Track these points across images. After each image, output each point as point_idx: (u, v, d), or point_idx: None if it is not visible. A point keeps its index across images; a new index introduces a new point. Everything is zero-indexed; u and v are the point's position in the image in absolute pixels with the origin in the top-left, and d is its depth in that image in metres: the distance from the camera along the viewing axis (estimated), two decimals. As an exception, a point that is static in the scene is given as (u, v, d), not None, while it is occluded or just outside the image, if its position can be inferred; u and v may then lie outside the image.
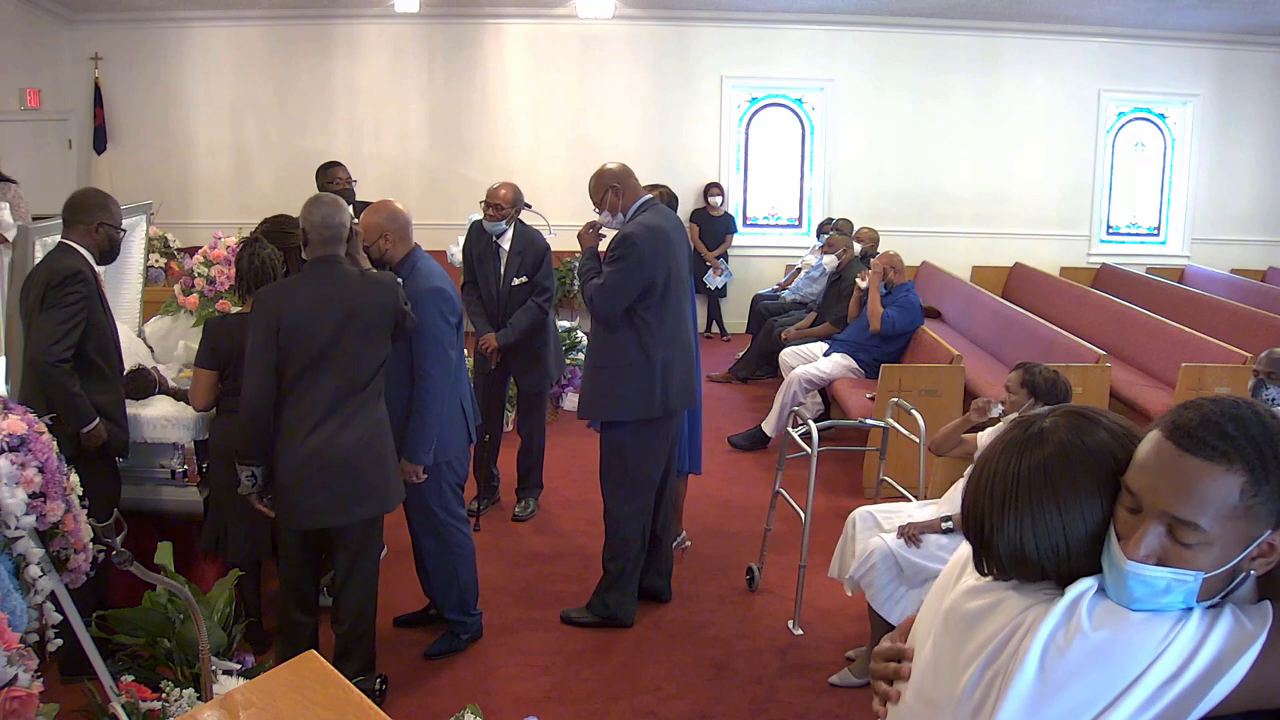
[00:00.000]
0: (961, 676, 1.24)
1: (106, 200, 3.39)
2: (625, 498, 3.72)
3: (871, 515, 3.49)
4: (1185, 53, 9.21)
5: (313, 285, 3.02)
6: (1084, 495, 1.20)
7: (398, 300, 3.11)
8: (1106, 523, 1.20)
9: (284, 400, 3.01)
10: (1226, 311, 7.03)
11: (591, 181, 3.68)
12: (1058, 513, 1.20)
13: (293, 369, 2.97)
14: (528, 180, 5.59)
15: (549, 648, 3.67)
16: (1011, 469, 1.24)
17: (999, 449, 1.28)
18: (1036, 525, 1.21)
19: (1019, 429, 1.28)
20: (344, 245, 3.09)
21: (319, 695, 1.61)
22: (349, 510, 3.08)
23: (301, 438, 2.98)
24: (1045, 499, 1.21)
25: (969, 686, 1.23)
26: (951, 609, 1.32)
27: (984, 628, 1.25)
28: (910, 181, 9.28)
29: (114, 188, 8.33)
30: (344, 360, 3.00)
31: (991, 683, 1.20)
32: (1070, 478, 1.21)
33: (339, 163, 5.56)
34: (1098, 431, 1.24)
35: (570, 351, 6.26)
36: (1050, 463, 1.22)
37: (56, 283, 3.14)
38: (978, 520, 1.27)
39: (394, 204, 3.53)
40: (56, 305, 3.13)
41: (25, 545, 2.48)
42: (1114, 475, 1.20)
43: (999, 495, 1.24)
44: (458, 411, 3.51)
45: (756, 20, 8.95)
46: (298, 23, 8.86)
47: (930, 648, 1.34)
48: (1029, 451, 1.24)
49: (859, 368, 5.95)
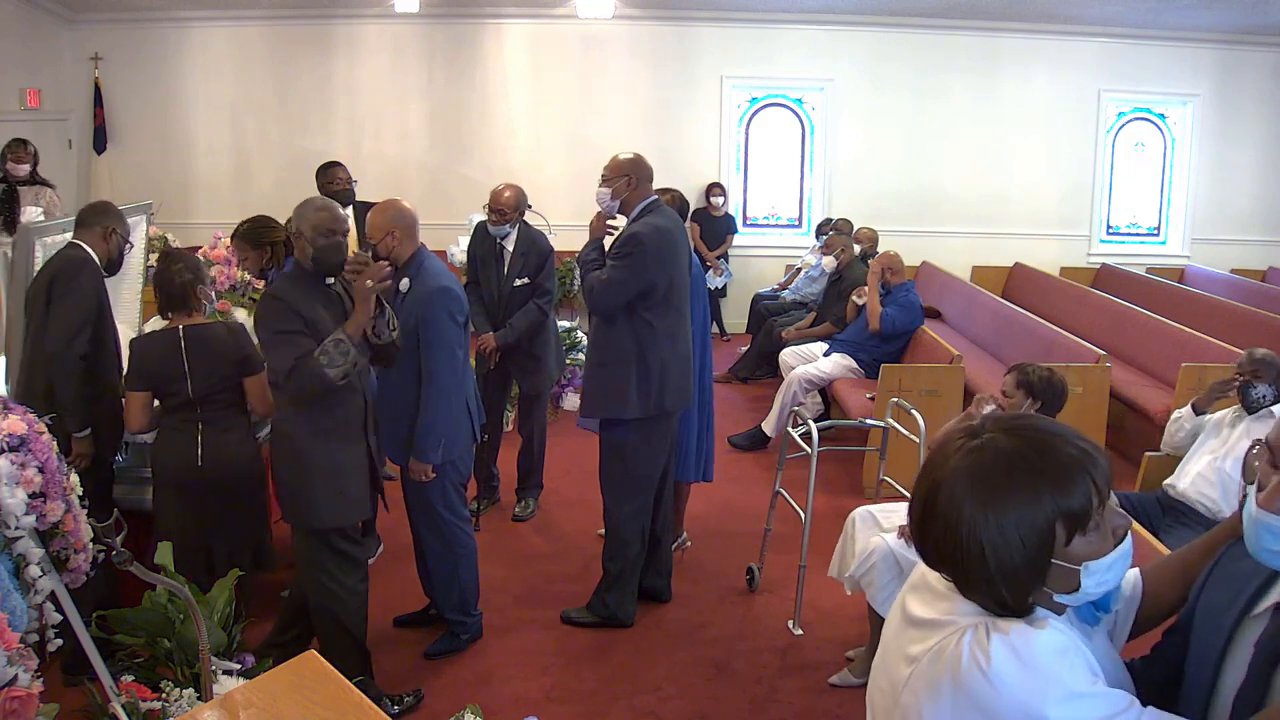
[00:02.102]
0: (897, 672, 1.32)
1: (122, 214, 3.49)
2: (625, 497, 3.73)
3: (871, 515, 3.49)
4: (1185, 53, 9.21)
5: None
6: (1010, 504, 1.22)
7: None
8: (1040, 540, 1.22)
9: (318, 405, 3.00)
10: (1226, 311, 7.03)
11: (616, 161, 3.64)
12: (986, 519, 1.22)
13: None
14: (528, 180, 5.58)
15: (549, 648, 3.67)
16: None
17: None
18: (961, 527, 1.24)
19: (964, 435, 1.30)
20: (297, 248, 3.04)
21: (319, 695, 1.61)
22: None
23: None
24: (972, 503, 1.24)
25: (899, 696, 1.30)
26: (905, 591, 1.40)
27: (913, 633, 1.32)
28: (910, 181, 9.28)
29: (114, 188, 8.36)
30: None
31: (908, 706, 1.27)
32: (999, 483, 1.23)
33: (339, 163, 5.56)
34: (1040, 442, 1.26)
35: (570, 351, 6.26)
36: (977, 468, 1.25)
37: (68, 271, 3.18)
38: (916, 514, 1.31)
39: (401, 202, 3.52)
40: (70, 294, 3.16)
41: (25, 545, 2.48)
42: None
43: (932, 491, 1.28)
44: (463, 411, 3.51)
45: (756, 20, 8.95)
46: (298, 23, 8.86)
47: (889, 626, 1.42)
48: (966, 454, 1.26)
49: (859, 368, 5.95)
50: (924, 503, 1.28)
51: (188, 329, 3.20)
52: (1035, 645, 1.19)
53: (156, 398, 3.23)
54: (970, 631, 1.23)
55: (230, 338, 3.25)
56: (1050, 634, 1.21)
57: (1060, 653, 1.19)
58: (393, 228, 3.40)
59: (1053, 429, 1.26)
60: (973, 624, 1.24)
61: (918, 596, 1.35)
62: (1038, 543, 1.21)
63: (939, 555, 1.27)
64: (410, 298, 3.37)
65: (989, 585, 1.23)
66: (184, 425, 3.20)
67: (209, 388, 3.18)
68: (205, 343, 3.19)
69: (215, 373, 3.19)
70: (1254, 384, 3.71)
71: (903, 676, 1.29)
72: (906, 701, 1.27)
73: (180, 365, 3.15)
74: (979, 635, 1.22)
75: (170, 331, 3.21)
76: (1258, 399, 3.71)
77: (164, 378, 3.17)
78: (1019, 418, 1.30)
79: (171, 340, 3.18)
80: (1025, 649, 1.19)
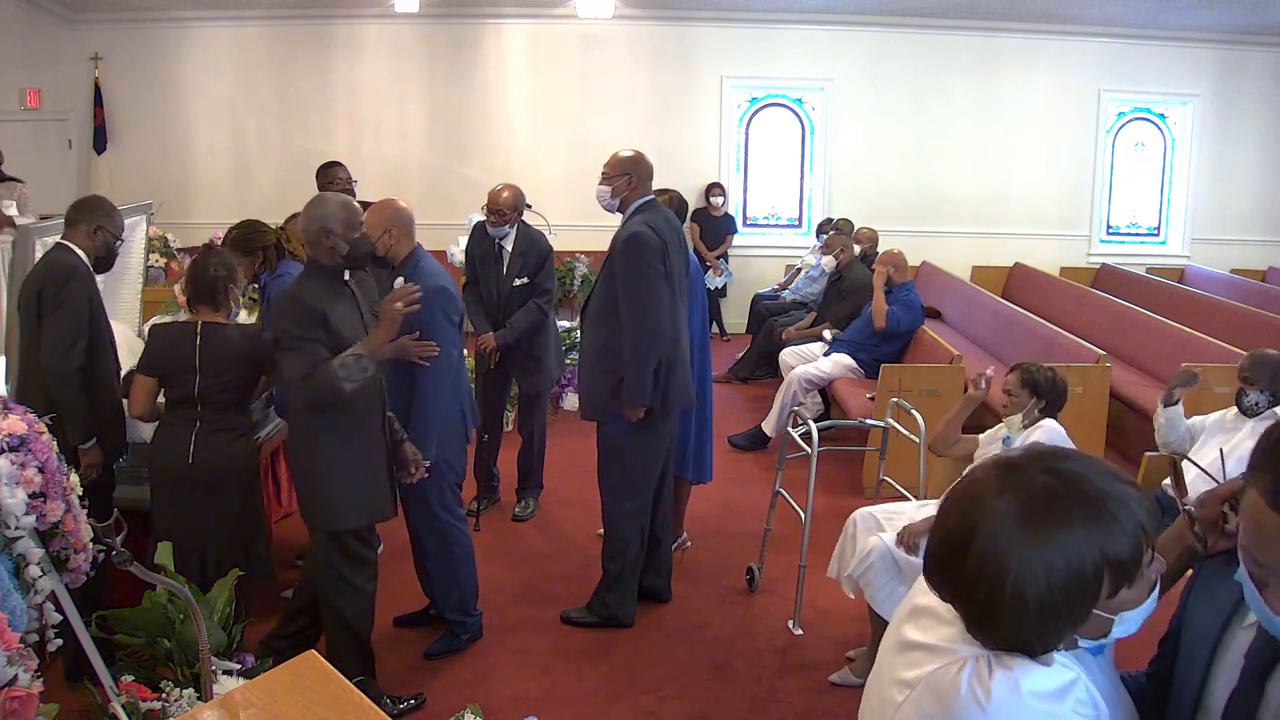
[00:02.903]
0: (889, 694, 1.27)
1: (112, 209, 3.42)
2: (624, 496, 3.73)
3: (872, 516, 3.48)
4: (1185, 53, 9.21)
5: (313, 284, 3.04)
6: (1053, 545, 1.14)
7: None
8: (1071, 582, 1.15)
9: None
10: (1226, 311, 7.03)
11: (618, 158, 3.65)
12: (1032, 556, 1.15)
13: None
14: (528, 180, 5.59)
15: (549, 648, 3.67)
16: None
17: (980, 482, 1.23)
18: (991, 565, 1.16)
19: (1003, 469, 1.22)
20: (320, 250, 3.00)
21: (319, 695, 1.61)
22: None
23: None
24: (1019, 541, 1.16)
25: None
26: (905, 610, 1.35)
27: (910, 656, 1.27)
28: (910, 181, 9.29)
29: (114, 188, 8.36)
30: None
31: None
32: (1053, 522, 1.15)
33: (339, 163, 5.56)
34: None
35: (570, 351, 6.27)
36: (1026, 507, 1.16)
37: (55, 283, 3.14)
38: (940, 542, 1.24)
39: (398, 202, 3.55)
40: (61, 306, 3.13)
41: (25, 545, 2.48)
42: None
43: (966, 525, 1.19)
44: (457, 411, 3.51)
45: (756, 20, 8.95)
46: (298, 23, 8.86)
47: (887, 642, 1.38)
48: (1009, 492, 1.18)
49: (859, 368, 5.95)
50: (954, 537, 1.19)
51: (206, 325, 3.22)
52: (1039, 684, 1.15)
53: (163, 387, 3.25)
54: (971, 664, 1.18)
55: (244, 342, 3.26)
56: (1056, 672, 1.17)
57: (1063, 692, 1.15)
58: (390, 226, 3.42)
59: (1102, 470, 1.18)
60: (974, 655, 1.19)
61: (916, 620, 1.30)
62: (1083, 591, 1.14)
63: (965, 592, 1.19)
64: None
65: (1016, 628, 1.16)
66: (182, 421, 3.20)
67: (214, 386, 3.19)
68: (220, 342, 3.20)
69: (224, 373, 3.20)
70: (1246, 390, 3.68)
71: (895, 701, 1.25)
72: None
73: (191, 359, 3.17)
74: (980, 668, 1.17)
75: (189, 324, 3.24)
76: (1250, 406, 3.67)
77: (173, 369, 3.19)
78: (1063, 455, 1.21)
79: (188, 333, 3.20)
80: (1028, 687, 1.14)
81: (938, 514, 1.25)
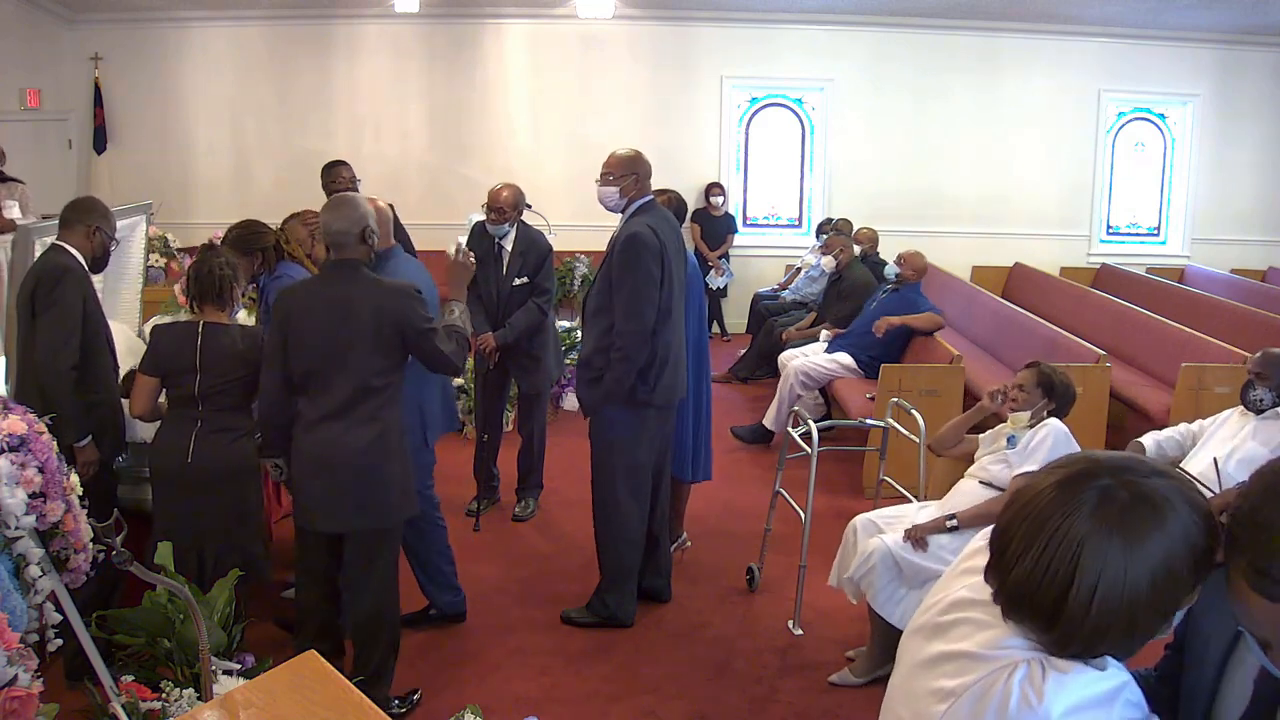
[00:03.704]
0: (925, 708, 1.24)
1: (107, 210, 3.43)
2: (621, 493, 3.71)
3: (872, 522, 3.48)
4: (1185, 53, 9.21)
5: (326, 287, 3.03)
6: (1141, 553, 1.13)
7: (406, 310, 2.99)
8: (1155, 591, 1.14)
9: (300, 399, 3.03)
10: (1226, 311, 7.03)
11: (621, 157, 3.65)
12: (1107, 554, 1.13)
13: (301, 368, 2.98)
14: (528, 180, 5.59)
15: (549, 648, 3.67)
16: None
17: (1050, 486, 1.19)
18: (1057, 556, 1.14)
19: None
20: (354, 250, 3.02)
21: (319, 695, 1.61)
22: (345, 517, 3.02)
23: (308, 436, 3.00)
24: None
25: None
26: (939, 606, 1.33)
27: (947, 668, 1.24)
28: (910, 181, 9.29)
29: (114, 188, 8.36)
30: (351, 366, 2.96)
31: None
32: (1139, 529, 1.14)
33: (343, 162, 5.56)
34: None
35: (570, 351, 6.27)
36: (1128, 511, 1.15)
37: (48, 282, 3.15)
38: (1005, 533, 1.21)
39: (376, 202, 3.56)
40: (54, 305, 3.13)
41: (25, 545, 2.48)
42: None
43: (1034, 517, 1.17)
44: (415, 412, 3.46)
45: (756, 20, 8.95)
46: (298, 23, 8.86)
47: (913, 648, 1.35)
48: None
49: (858, 368, 5.94)
50: (1047, 568, 1.14)
51: (207, 325, 3.21)
52: (1093, 687, 1.13)
53: (165, 387, 3.24)
54: (1024, 667, 1.15)
55: (245, 343, 3.23)
56: (1108, 675, 1.15)
57: (1114, 694, 1.14)
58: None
59: (1149, 468, 1.18)
60: (1026, 659, 1.16)
61: (945, 635, 1.27)
62: (1176, 587, 1.14)
63: (1040, 600, 1.15)
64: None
65: (1103, 634, 1.14)
66: (183, 420, 3.20)
67: (215, 387, 3.18)
68: (221, 342, 3.19)
69: (225, 373, 3.19)
70: (1254, 384, 3.69)
71: (935, 713, 1.21)
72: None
73: (192, 359, 3.16)
74: (1033, 672, 1.14)
75: (190, 324, 3.23)
76: (1254, 400, 3.68)
77: (175, 369, 3.19)
78: (1118, 465, 1.18)
79: (190, 332, 3.19)
80: (1084, 691, 1.13)
81: (1003, 524, 1.21)
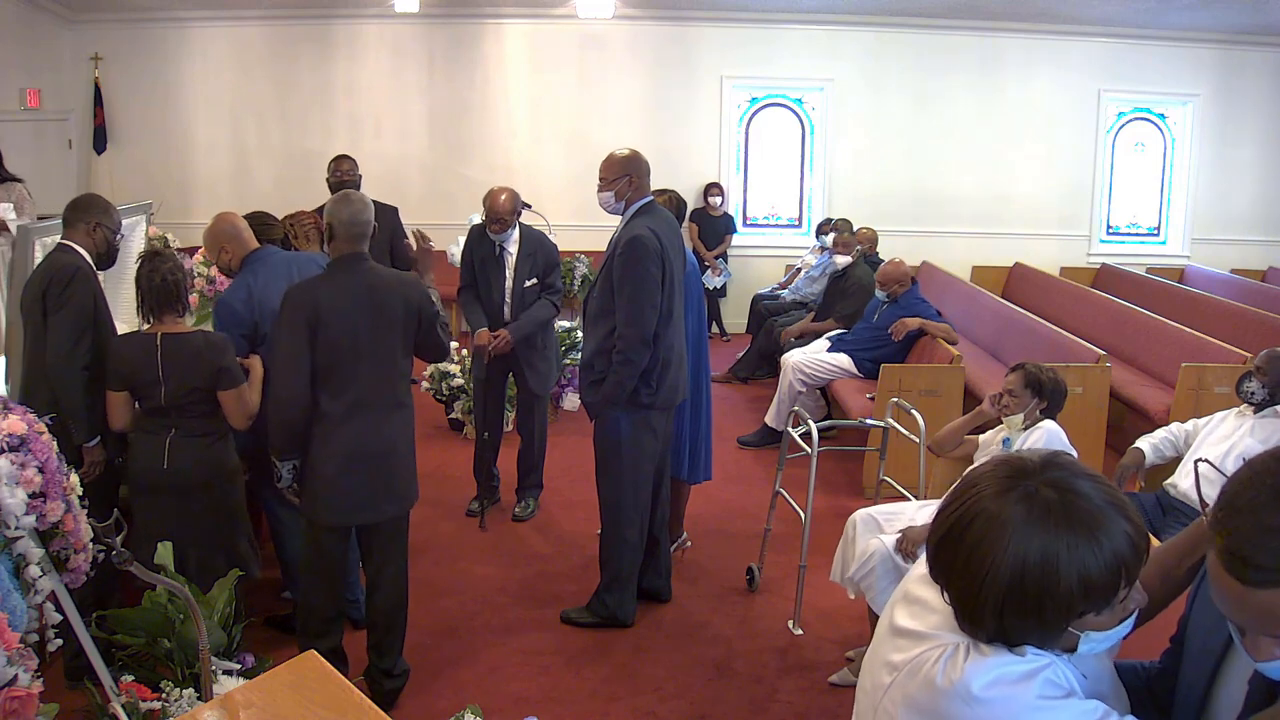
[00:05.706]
0: (879, 677, 1.35)
1: (108, 205, 3.42)
2: (622, 494, 3.72)
3: (872, 518, 3.48)
4: (1185, 53, 9.21)
5: (344, 280, 3.04)
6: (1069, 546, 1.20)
7: (424, 299, 3.16)
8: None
9: (320, 395, 3.02)
10: (1226, 311, 7.03)
11: (614, 160, 3.64)
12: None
13: (328, 362, 2.99)
14: (528, 180, 5.60)
15: (549, 648, 3.67)
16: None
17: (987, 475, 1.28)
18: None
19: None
20: (369, 242, 3.09)
21: (319, 695, 1.61)
22: (380, 507, 3.15)
23: (339, 431, 3.03)
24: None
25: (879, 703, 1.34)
26: (902, 590, 1.43)
27: (900, 642, 1.35)
28: (910, 181, 9.29)
29: (114, 187, 8.36)
30: (380, 355, 3.05)
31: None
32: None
33: (347, 155, 5.61)
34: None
35: (570, 351, 6.27)
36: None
37: (60, 282, 3.14)
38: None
39: (231, 215, 3.67)
40: (65, 305, 3.12)
41: (25, 545, 2.48)
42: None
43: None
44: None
45: (756, 20, 8.95)
46: (298, 23, 8.86)
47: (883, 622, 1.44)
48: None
49: (857, 369, 5.94)
50: (953, 527, 1.26)
51: (165, 336, 3.11)
52: (1013, 668, 1.22)
53: (135, 399, 3.18)
54: (950, 649, 1.26)
55: (207, 351, 3.14)
56: (1026, 660, 1.23)
57: (1028, 676, 1.21)
58: (223, 244, 3.57)
59: (1106, 497, 1.22)
60: (955, 643, 1.27)
61: (908, 607, 1.38)
62: (1053, 599, 1.20)
63: (956, 579, 1.26)
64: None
65: (997, 617, 1.23)
66: (156, 429, 3.13)
67: (183, 396, 3.11)
68: (183, 352, 3.11)
69: (191, 380, 3.11)
70: (1250, 377, 3.75)
71: (884, 683, 1.33)
72: (886, 709, 1.31)
73: (155, 371, 3.08)
74: (957, 655, 1.25)
75: (147, 337, 3.13)
76: (1246, 393, 3.75)
77: (139, 381, 3.11)
78: (1075, 472, 1.25)
79: (148, 345, 3.10)
80: (1001, 670, 1.21)
81: (942, 504, 1.32)
